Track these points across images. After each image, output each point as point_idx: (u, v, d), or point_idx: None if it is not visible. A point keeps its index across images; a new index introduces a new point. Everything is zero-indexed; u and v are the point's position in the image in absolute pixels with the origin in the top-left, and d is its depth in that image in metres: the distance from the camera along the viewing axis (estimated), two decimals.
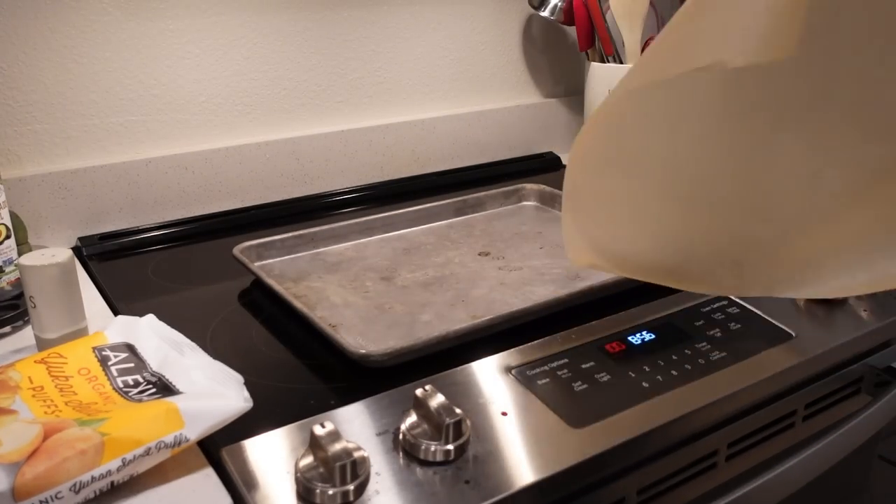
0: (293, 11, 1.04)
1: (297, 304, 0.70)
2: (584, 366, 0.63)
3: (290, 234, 0.88)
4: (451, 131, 1.21)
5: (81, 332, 0.66)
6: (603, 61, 1.18)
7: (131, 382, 0.55)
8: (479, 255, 0.88)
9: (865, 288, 0.34)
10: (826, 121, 0.27)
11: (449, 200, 1.01)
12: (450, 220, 1.00)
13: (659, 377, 0.62)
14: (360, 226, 0.93)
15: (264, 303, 0.78)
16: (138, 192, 0.98)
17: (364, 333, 0.69)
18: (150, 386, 0.54)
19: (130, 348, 0.59)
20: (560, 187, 1.06)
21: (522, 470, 0.52)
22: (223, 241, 0.96)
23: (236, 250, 0.83)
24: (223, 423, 0.51)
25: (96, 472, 0.46)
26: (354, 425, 0.55)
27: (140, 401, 0.52)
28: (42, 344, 0.65)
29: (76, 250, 0.93)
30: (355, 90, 1.13)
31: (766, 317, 0.72)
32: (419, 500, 0.49)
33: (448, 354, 0.64)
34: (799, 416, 0.69)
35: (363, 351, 0.62)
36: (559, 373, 0.62)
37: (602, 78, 1.17)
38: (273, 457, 0.52)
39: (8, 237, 0.72)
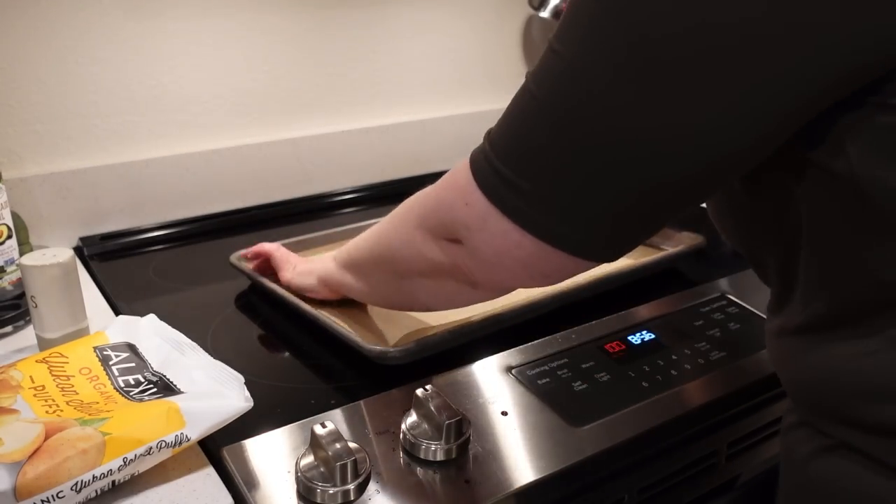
0: (293, 12, 1.04)
1: (305, 305, 0.70)
2: (584, 366, 0.63)
3: (290, 240, 0.86)
4: (451, 131, 1.21)
5: (82, 332, 0.66)
6: None
7: (132, 382, 0.55)
8: None
9: None
10: None
11: None
12: None
13: (659, 377, 0.62)
14: (361, 228, 0.93)
15: (265, 303, 0.78)
16: (139, 193, 0.98)
17: (364, 335, 0.69)
18: (152, 385, 0.55)
19: (132, 348, 0.60)
20: None
21: (522, 469, 0.52)
22: (224, 241, 0.96)
23: (233, 258, 0.82)
24: (224, 423, 0.51)
25: (97, 471, 0.47)
26: (355, 425, 0.55)
27: (141, 400, 0.52)
28: (43, 343, 0.65)
29: (77, 250, 0.93)
30: (355, 90, 1.13)
31: (766, 316, 0.72)
32: (419, 499, 0.49)
33: (448, 354, 0.64)
34: None
35: (380, 348, 0.62)
36: (559, 373, 0.62)
37: None
38: (274, 456, 0.52)
39: (9, 237, 0.72)
